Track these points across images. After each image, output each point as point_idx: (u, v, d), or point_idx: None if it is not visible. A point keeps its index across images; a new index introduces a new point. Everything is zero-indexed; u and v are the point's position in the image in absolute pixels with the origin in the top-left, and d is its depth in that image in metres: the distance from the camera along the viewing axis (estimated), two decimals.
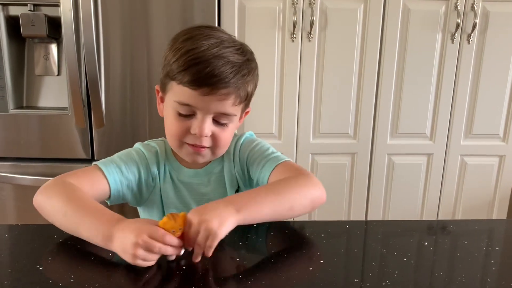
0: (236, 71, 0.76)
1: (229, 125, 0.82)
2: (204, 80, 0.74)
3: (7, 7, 1.53)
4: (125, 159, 0.86)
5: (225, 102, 0.77)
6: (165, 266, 0.62)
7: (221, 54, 0.75)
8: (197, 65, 0.74)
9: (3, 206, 1.69)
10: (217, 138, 0.81)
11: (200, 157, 0.84)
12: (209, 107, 0.77)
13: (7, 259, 0.65)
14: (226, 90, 0.75)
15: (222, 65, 0.74)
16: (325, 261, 0.65)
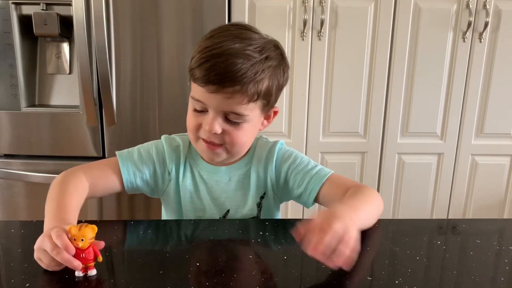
0: (246, 70, 0.75)
1: (243, 124, 0.80)
2: (210, 78, 0.74)
3: (20, 6, 1.55)
4: (143, 152, 0.90)
5: (231, 101, 0.76)
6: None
7: (232, 52, 0.75)
8: (206, 63, 0.75)
9: (14, 203, 1.71)
10: (230, 136, 0.80)
11: (215, 156, 0.83)
12: (216, 104, 0.77)
13: (23, 254, 0.66)
14: (231, 89, 0.75)
15: (230, 63, 0.74)
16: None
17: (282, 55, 0.84)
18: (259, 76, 0.77)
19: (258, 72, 0.76)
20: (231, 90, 0.75)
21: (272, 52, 0.80)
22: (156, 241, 0.72)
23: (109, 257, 0.64)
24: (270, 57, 0.79)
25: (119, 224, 0.85)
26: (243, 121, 0.80)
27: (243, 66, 0.74)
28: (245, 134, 0.82)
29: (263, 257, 0.66)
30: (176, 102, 1.62)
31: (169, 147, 0.91)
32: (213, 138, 0.80)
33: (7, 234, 0.73)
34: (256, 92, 0.77)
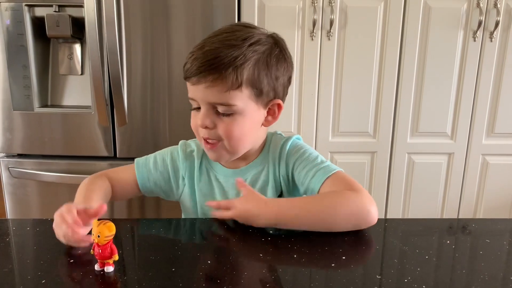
0: (224, 56, 0.75)
1: (235, 116, 0.79)
2: (192, 70, 0.77)
3: (33, 8, 1.57)
4: (158, 159, 0.95)
5: (213, 90, 0.77)
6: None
7: (212, 43, 0.77)
8: (189, 59, 0.79)
9: (27, 202, 1.73)
10: (223, 129, 0.80)
11: (217, 154, 0.84)
12: (201, 96, 0.79)
13: (39, 252, 0.67)
14: (211, 77, 0.76)
15: (209, 53, 0.76)
16: (347, 257, 0.66)
17: (276, 43, 0.82)
18: (239, 61, 0.76)
19: (237, 57, 0.75)
20: (211, 78, 0.76)
21: (261, 39, 0.80)
22: (168, 239, 0.73)
23: (123, 254, 0.66)
24: (257, 43, 0.78)
25: (133, 223, 0.86)
26: (233, 113, 0.79)
27: (221, 53, 0.75)
28: (240, 127, 0.80)
29: (274, 255, 0.67)
30: (186, 102, 1.62)
31: (183, 153, 0.94)
32: (208, 135, 0.81)
33: (22, 232, 0.75)
34: (236, 78, 0.76)
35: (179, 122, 1.66)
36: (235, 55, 0.75)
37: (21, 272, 0.61)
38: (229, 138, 0.80)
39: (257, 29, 0.82)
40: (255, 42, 0.78)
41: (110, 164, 1.67)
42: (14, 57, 1.59)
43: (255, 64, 0.78)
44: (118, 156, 1.67)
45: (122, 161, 1.66)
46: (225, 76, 0.75)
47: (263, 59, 0.79)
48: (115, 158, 1.68)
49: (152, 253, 0.66)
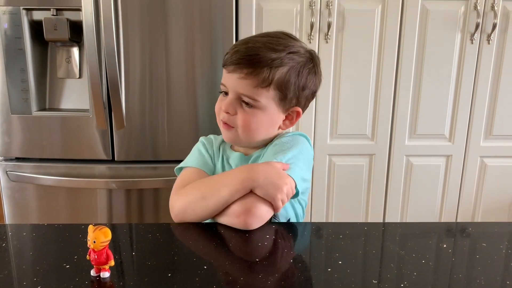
0: (263, 55, 0.83)
1: (256, 111, 0.87)
2: (232, 59, 0.85)
3: (31, 12, 1.57)
4: (196, 152, 1.00)
5: (244, 82, 0.84)
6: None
7: (258, 42, 0.85)
8: (232, 49, 0.87)
9: (26, 206, 1.73)
10: (241, 119, 0.87)
11: (229, 136, 0.92)
12: (232, 84, 0.86)
13: (34, 257, 0.67)
14: (246, 70, 0.83)
15: (251, 49, 0.84)
16: (343, 262, 0.66)
17: (312, 60, 0.90)
18: (275, 64, 0.83)
19: (275, 60, 0.83)
20: (246, 71, 0.84)
21: (300, 52, 0.87)
22: (165, 244, 0.73)
23: (119, 260, 0.66)
24: (295, 53, 0.86)
25: (129, 228, 0.86)
26: (255, 107, 0.87)
27: (261, 52, 0.83)
28: (257, 121, 0.88)
29: (270, 260, 0.67)
30: (184, 105, 1.64)
31: (206, 140, 1.03)
32: (227, 119, 0.89)
33: (19, 237, 0.75)
34: (268, 78, 0.84)
35: (178, 125, 1.66)
36: (273, 57, 0.83)
37: (16, 278, 0.61)
38: (243, 128, 0.88)
39: (299, 42, 0.90)
40: (294, 52, 0.86)
41: (109, 167, 1.67)
42: (12, 60, 1.59)
43: (288, 70, 0.85)
44: (116, 160, 1.67)
45: (120, 164, 1.67)
46: (258, 72, 0.83)
47: (297, 68, 0.86)
48: (113, 162, 1.68)
49: (148, 259, 0.66)
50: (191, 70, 1.62)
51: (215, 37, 1.60)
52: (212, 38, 1.60)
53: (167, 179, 1.66)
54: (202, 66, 1.62)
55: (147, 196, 1.71)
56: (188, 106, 1.64)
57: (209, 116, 1.65)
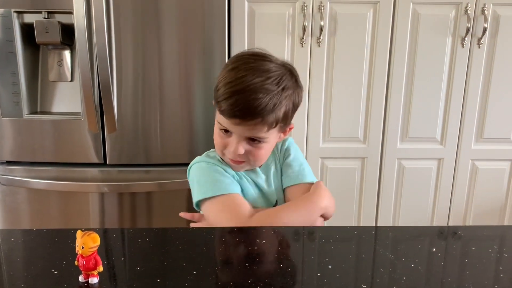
0: (265, 104, 0.85)
1: (263, 144, 0.93)
2: (235, 112, 0.86)
3: (22, 14, 1.57)
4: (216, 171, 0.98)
5: (253, 130, 0.89)
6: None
7: (253, 87, 0.85)
8: (230, 98, 0.85)
9: (17, 210, 1.72)
10: (252, 154, 0.93)
11: (239, 167, 0.98)
12: (240, 132, 0.90)
13: (23, 263, 0.67)
14: (253, 122, 0.87)
15: (251, 99, 0.84)
16: (333, 266, 0.66)
17: (296, 81, 0.95)
18: (277, 108, 0.88)
19: (276, 104, 0.87)
20: (253, 122, 0.87)
21: (288, 81, 0.91)
22: (154, 249, 0.73)
23: (108, 265, 0.65)
24: (287, 87, 0.90)
25: (119, 232, 0.86)
26: (263, 142, 0.92)
27: (263, 101, 0.85)
28: (265, 152, 0.95)
29: (260, 265, 0.67)
30: (177, 108, 1.64)
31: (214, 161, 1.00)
32: (237, 158, 0.93)
33: (8, 242, 0.74)
34: (275, 120, 0.89)
35: (170, 128, 1.66)
36: (274, 102, 0.87)
37: (4, 284, 0.60)
38: (255, 160, 0.95)
39: (276, 62, 0.92)
40: (286, 86, 0.90)
41: (101, 170, 1.67)
42: (3, 63, 1.58)
43: (287, 106, 0.91)
44: (108, 163, 1.67)
45: (112, 168, 1.67)
46: (266, 120, 0.87)
47: (292, 100, 0.92)
48: (105, 165, 1.68)
49: (138, 264, 0.66)
50: (183, 73, 1.62)
51: (207, 41, 1.60)
52: (204, 42, 1.60)
53: (159, 182, 1.66)
54: (195, 69, 1.62)
55: (140, 200, 1.70)
56: (181, 110, 1.64)
57: (202, 119, 1.65)
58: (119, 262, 0.68)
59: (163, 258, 0.68)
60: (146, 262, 0.67)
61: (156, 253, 0.71)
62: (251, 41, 1.67)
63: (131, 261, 0.68)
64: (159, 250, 0.72)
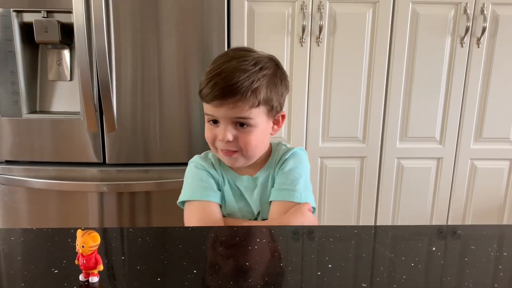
0: (242, 81, 0.87)
1: (252, 129, 0.91)
2: (214, 94, 0.88)
3: (21, 14, 1.56)
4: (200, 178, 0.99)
5: (235, 110, 0.88)
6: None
7: (230, 68, 0.88)
8: (209, 82, 0.88)
9: (16, 209, 1.72)
10: (242, 141, 0.91)
11: (234, 161, 0.95)
12: (224, 115, 0.89)
13: (23, 262, 0.67)
14: (233, 99, 0.87)
15: (228, 78, 0.87)
16: (333, 265, 0.66)
17: (277, 65, 0.96)
18: (255, 84, 0.88)
19: (254, 81, 0.88)
20: (233, 100, 0.87)
21: (266, 63, 0.92)
22: (154, 248, 0.73)
23: (108, 264, 0.65)
24: (264, 67, 0.91)
25: (119, 231, 0.86)
26: (250, 126, 0.91)
27: (239, 78, 0.87)
28: (256, 138, 0.93)
29: (260, 264, 0.67)
30: (176, 108, 1.64)
31: (206, 163, 1.02)
32: (228, 146, 0.92)
33: (7, 241, 0.74)
34: (255, 98, 0.89)
35: (169, 128, 1.66)
36: (251, 80, 0.88)
37: (4, 283, 0.60)
38: (247, 148, 0.92)
39: (258, 53, 0.95)
40: (264, 67, 0.91)
41: (100, 170, 1.66)
42: (2, 63, 1.58)
43: (267, 86, 0.91)
44: (107, 162, 1.67)
45: (111, 167, 1.67)
46: (246, 97, 0.88)
47: (272, 80, 0.92)
48: (105, 164, 1.67)
49: (138, 263, 0.66)
50: (183, 73, 1.62)
51: (207, 40, 1.60)
52: (204, 41, 1.60)
53: (158, 182, 1.66)
54: (194, 69, 1.62)
55: (139, 199, 1.70)
56: (180, 109, 1.64)
57: (201, 118, 1.64)
58: (119, 261, 0.68)
59: (163, 257, 0.68)
60: (146, 261, 0.67)
61: (156, 252, 0.71)
62: (250, 41, 1.67)
63: (131, 260, 0.68)
64: (159, 249, 0.72)
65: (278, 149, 1.04)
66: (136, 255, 0.70)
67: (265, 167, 1.02)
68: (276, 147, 1.05)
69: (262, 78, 0.90)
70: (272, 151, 1.04)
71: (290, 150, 1.03)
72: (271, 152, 1.04)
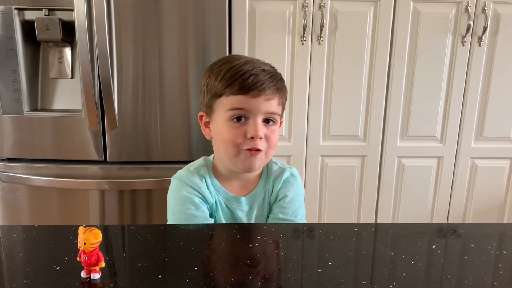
0: (273, 77, 0.88)
1: (276, 127, 0.90)
2: (252, 85, 0.84)
3: (22, 12, 1.56)
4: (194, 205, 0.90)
5: (271, 102, 0.87)
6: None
7: (256, 66, 0.87)
8: (241, 76, 0.84)
9: (17, 207, 1.72)
10: (268, 139, 0.88)
11: (257, 161, 0.88)
12: (259, 107, 0.86)
13: (25, 259, 0.67)
14: (270, 91, 0.86)
15: (261, 72, 0.86)
16: (334, 263, 0.67)
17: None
18: (283, 82, 0.91)
19: (281, 79, 0.91)
20: (270, 91, 0.86)
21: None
22: (156, 245, 0.73)
23: (110, 261, 0.66)
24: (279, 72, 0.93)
25: (120, 229, 0.86)
26: (275, 123, 0.90)
27: (272, 70, 0.89)
28: (276, 137, 0.90)
29: (261, 262, 0.68)
30: (177, 106, 1.64)
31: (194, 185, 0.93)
32: (257, 144, 0.86)
33: (9, 238, 0.74)
34: (284, 96, 0.91)
35: (171, 125, 1.66)
36: (280, 77, 0.90)
37: (7, 280, 0.61)
38: (271, 146, 0.89)
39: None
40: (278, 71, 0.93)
41: (101, 168, 1.67)
42: (3, 60, 1.58)
43: (285, 87, 0.93)
44: (109, 160, 1.67)
45: (112, 165, 1.67)
46: (280, 89, 0.89)
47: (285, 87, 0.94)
48: (106, 162, 1.68)
49: (139, 260, 0.66)
50: (184, 70, 1.62)
51: (208, 38, 1.60)
52: (205, 39, 1.60)
53: (159, 180, 1.66)
54: (195, 67, 1.62)
55: (140, 197, 1.70)
56: (181, 107, 1.64)
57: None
58: (121, 258, 0.68)
59: (164, 255, 0.68)
60: (148, 258, 0.67)
61: (158, 249, 0.71)
62: (251, 39, 1.67)
63: (132, 257, 0.69)
64: (161, 246, 0.73)
65: (271, 167, 0.99)
66: (137, 252, 0.70)
67: (258, 187, 0.97)
68: (269, 165, 1.00)
69: (282, 79, 0.92)
70: (265, 169, 0.99)
71: (284, 171, 0.98)
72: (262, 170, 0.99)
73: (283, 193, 0.95)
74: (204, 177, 0.94)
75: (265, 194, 0.97)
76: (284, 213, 0.93)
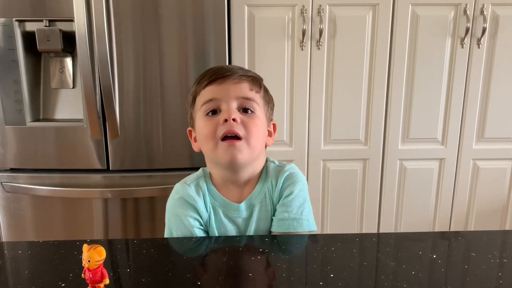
0: (242, 69, 0.92)
1: (256, 115, 0.88)
2: (219, 74, 0.88)
3: (23, 23, 1.57)
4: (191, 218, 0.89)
5: (241, 85, 0.88)
6: None
7: (231, 68, 0.91)
8: (211, 71, 0.91)
9: (21, 217, 1.73)
10: (246, 125, 0.85)
11: (237, 151, 0.84)
12: (228, 92, 0.86)
13: (30, 276, 0.68)
14: (237, 76, 0.88)
15: (230, 68, 0.91)
16: (335, 275, 0.67)
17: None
18: (255, 75, 0.93)
19: (254, 75, 0.93)
20: (238, 75, 0.88)
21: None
22: (159, 260, 0.74)
23: (115, 277, 0.66)
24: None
25: (124, 243, 0.87)
26: (254, 111, 0.88)
27: (240, 69, 0.92)
28: (258, 127, 0.88)
29: (264, 274, 0.68)
30: (178, 113, 1.65)
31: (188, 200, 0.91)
32: (233, 127, 0.84)
33: (14, 255, 0.75)
34: (257, 84, 0.91)
35: (172, 133, 1.66)
36: (252, 73, 0.93)
37: None
38: (252, 133, 0.86)
39: None
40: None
41: (104, 176, 1.68)
42: (5, 72, 1.59)
43: (265, 89, 0.95)
44: (111, 169, 1.68)
45: (115, 174, 1.68)
46: (250, 77, 0.90)
47: (266, 91, 0.96)
48: (108, 171, 1.69)
49: (143, 275, 0.67)
50: (184, 78, 1.63)
51: (208, 46, 1.61)
52: (205, 47, 1.60)
53: (162, 187, 1.67)
54: (196, 74, 1.62)
55: (143, 205, 1.71)
56: (182, 114, 1.65)
57: None
58: (125, 274, 0.69)
59: (167, 269, 0.69)
60: (151, 273, 0.68)
61: (161, 263, 0.72)
62: (251, 46, 1.68)
63: (136, 272, 0.69)
64: (164, 260, 0.73)
65: (268, 166, 0.96)
66: (141, 267, 0.71)
67: (256, 190, 0.93)
68: (265, 165, 0.97)
69: (259, 79, 0.94)
70: (264, 169, 0.96)
71: (284, 167, 0.96)
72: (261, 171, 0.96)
73: (289, 190, 0.92)
74: (201, 187, 0.93)
75: (265, 194, 0.93)
76: (289, 211, 0.89)
